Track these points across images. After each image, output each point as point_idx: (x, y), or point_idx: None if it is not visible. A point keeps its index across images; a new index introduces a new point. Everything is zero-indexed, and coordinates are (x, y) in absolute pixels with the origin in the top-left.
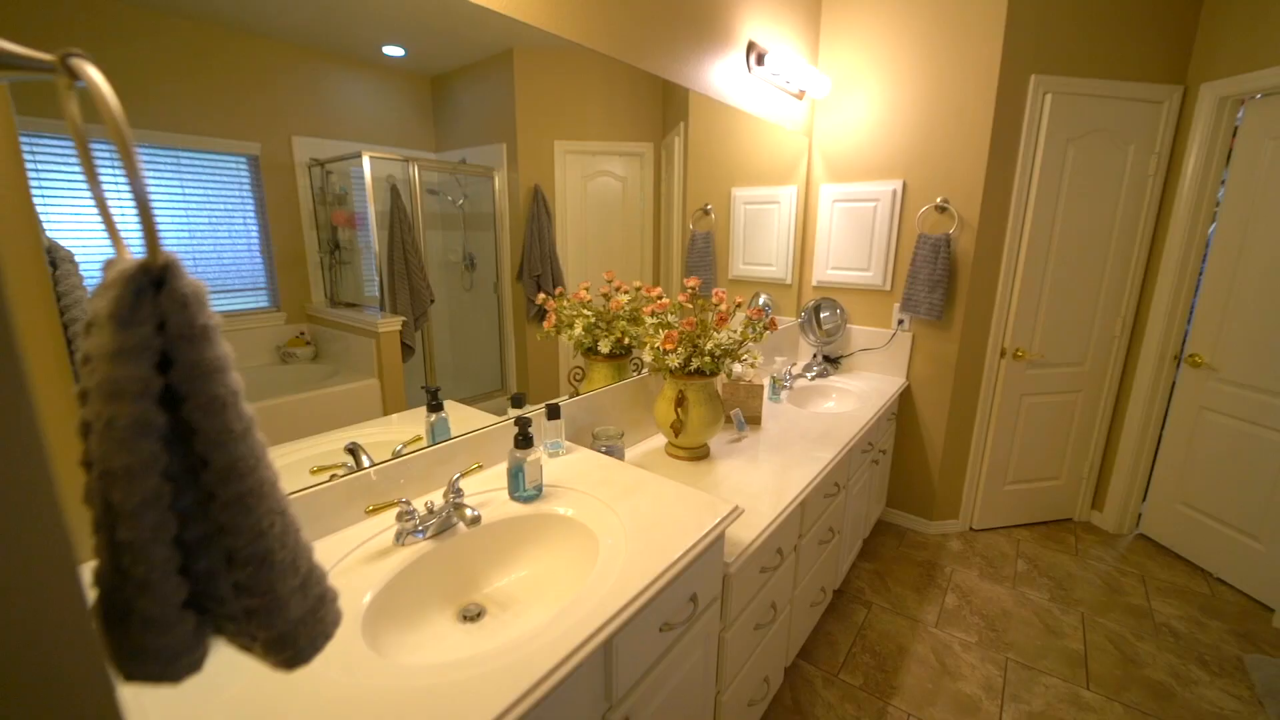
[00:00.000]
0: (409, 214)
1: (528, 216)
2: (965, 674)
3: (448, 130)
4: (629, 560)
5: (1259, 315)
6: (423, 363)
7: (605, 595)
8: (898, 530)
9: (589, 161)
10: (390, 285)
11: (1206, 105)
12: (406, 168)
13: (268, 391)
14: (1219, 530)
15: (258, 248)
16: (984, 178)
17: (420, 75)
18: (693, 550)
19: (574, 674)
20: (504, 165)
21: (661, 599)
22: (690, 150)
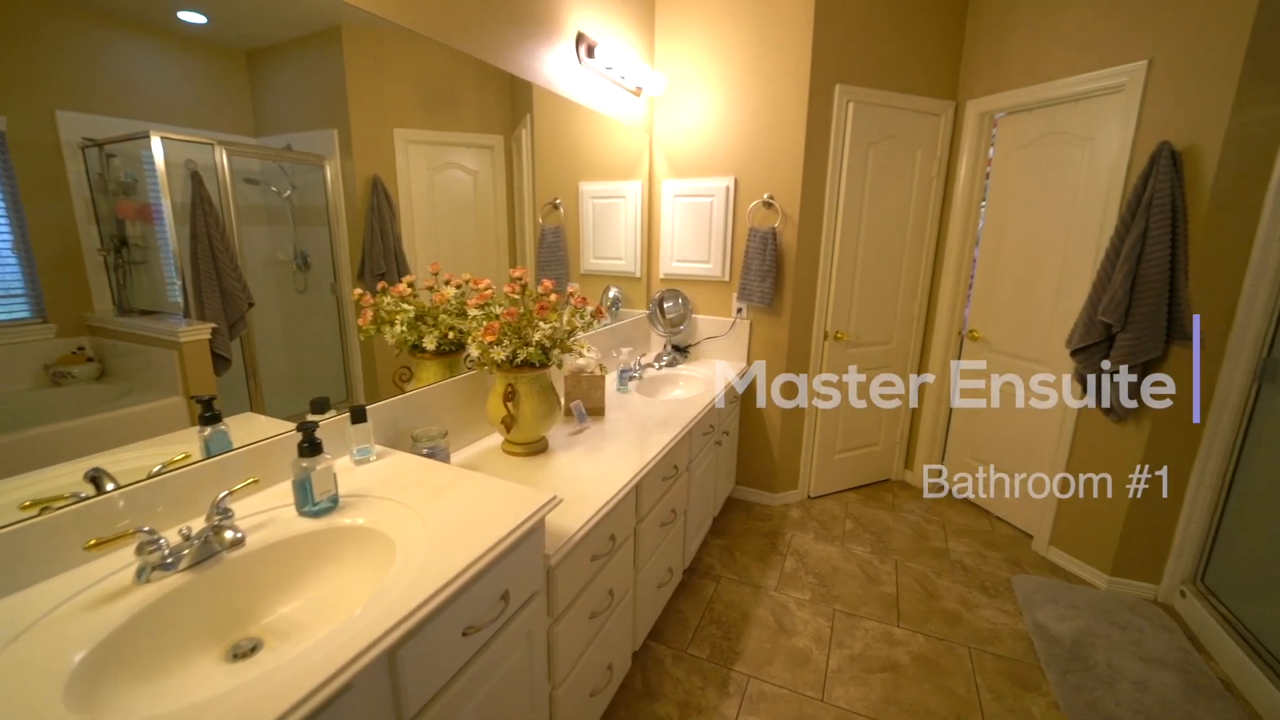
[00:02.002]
0: (217, 205)
1: (367, 210)
2: (799, 629)
3: (269, 113)
4: (425, 565)
5: (1013, 295)
6: (244, 375)
7: (390, 605)
8: (746, 505)
9: (436, 152)
10: (196, 288)
11: (971, 119)
12: (212, 152)
13: (26, 420)
14: (996, 475)
15: (7, 245)
16: (802, 176)
17: (230, 48)
18: (498, 547)
19: (345, 694)
20: (336, 153)
21: (461, 602)
22: (537, 144)
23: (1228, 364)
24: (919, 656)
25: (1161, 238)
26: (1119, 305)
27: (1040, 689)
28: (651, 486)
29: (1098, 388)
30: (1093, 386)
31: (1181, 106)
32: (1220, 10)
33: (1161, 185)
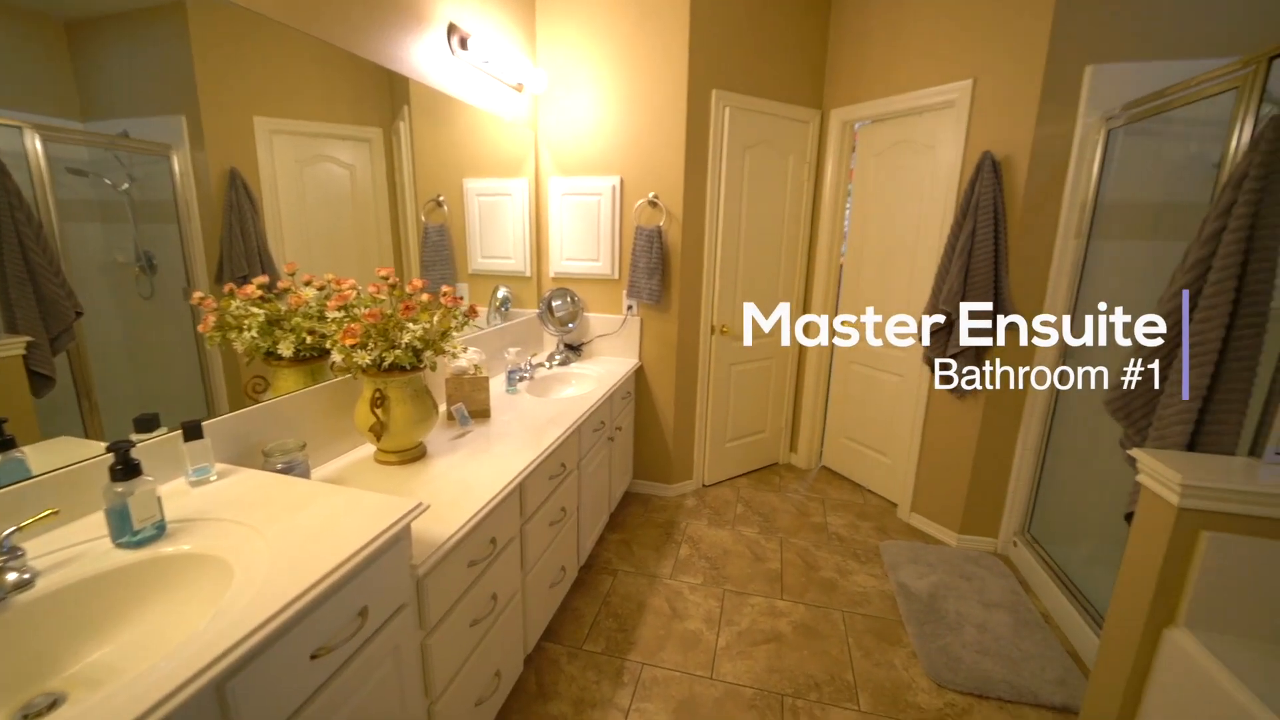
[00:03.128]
0: (30, 199)
1: (224, 206)
2: (691, 613)
3: (100, 95)
4: (265, 587)
5: (875, 287)
6: (75, 395)
7: (218, 634)
8: (644, 498)
9: (305, 144)
10: (3, 295)
11: (835, 127)
12: (20, 137)
13: None
14: (865, 453)
15: None
16: (684, 176)
17: (43, 15)
18: (351, 561)
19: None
20: (185, 142)
21: (308, 623)
22: (416, 138)
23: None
24: (799, 625)
25: (987, 236)
26: (954, 295)
27: (902, 641)
28: (537, 486)
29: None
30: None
31: (999, 121)
32: (1023, 42)
33: (985, 190)
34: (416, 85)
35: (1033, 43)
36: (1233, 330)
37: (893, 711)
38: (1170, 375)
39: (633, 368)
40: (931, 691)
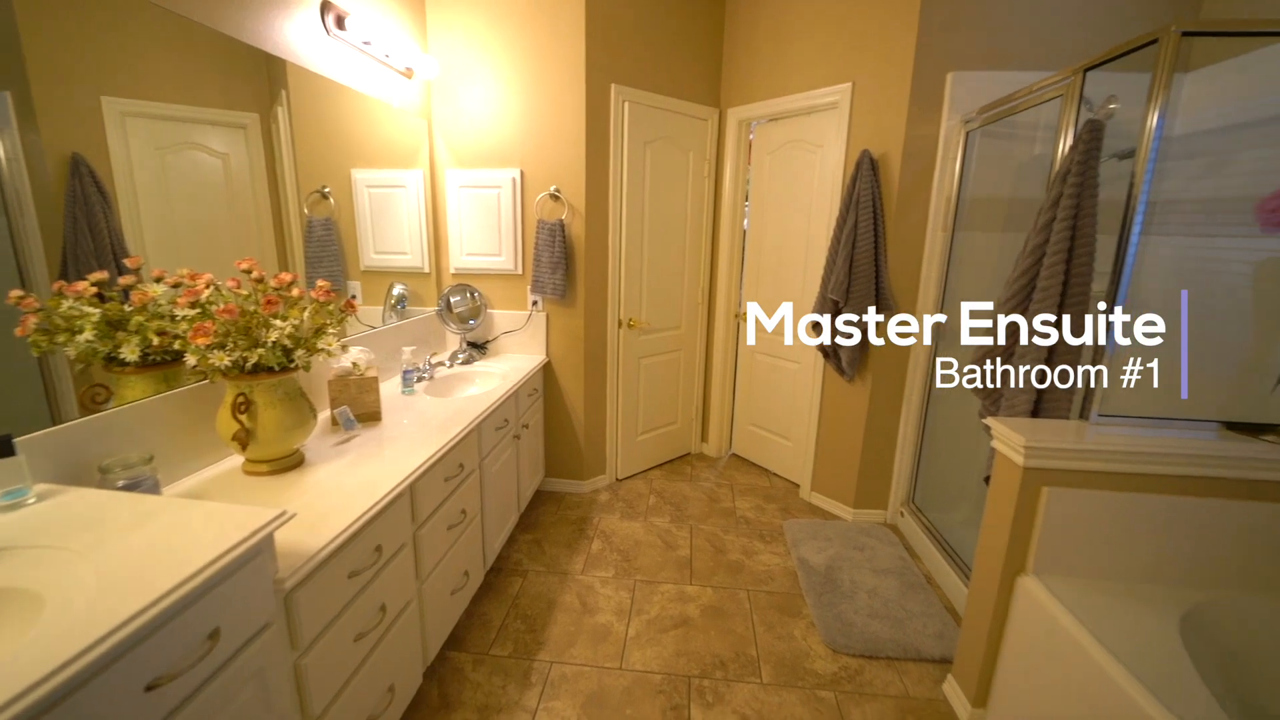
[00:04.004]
0: None
1: (66, 199)
2: (602, 606)
3: None
4: (82, 618)
5: (774, 280)
6: None
7: (16, 674)
8: (557, 496)
9: (167, 129)
10: None
11: (732, 125)
12: None
13: None
14: (770, 438)
15: None
16: (585, 170)
17: None
18: (194, 580)
19: None
20: (12, 123)
21: (140, 652)
22: (297, 125)
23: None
24: (707, 607)
25: (867, 229)
26: (841, 284)
27: (802, 613)
28: (431, 489)
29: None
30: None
31: (876, 122)
32: (893, 50)
33: (865, 186)
34: (295, 68)
35: (901, 51)
36: (1063, 309)
37: (792, 680)
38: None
39: (539, 364)
40: (827, 657)
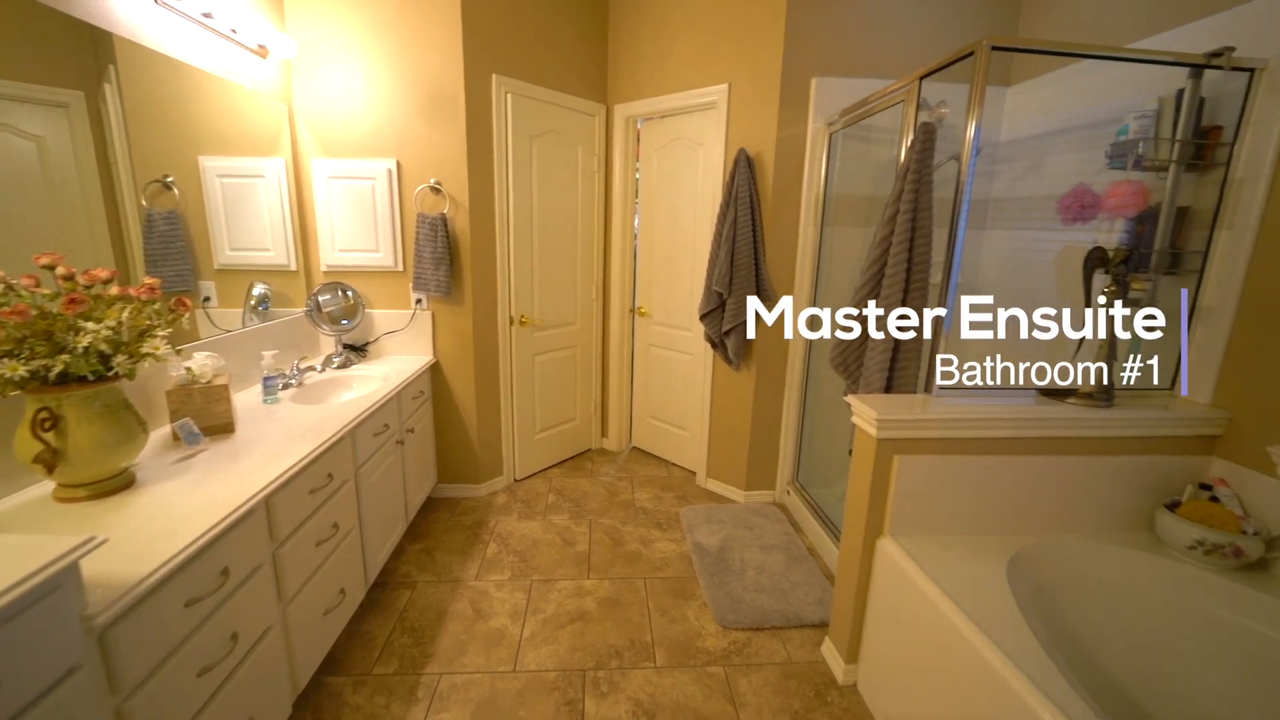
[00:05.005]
0: None
1: None
2: (496, 610)
3: None
4: None
5: (664, 275)
6: None
7: None
8: (451, 502)
9: None
10: None
11: (620, 122)
12: None
13: None
14: (668, 429)
15: None
16: (467, 162)
17: None
18: None
19: None
20: None
21: None
22: (130, 104)
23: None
24: (604, 599)
25: (746, 224)
26: (724, 276)
27: (695, 595)
28: (293, 503)
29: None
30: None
31: (751, 122)
32: (763, 53)
33: (742, 183)
34: (124, 40)
35: (771, 56)
36: (908, 294)
37: (685, 660)
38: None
39: (425, 365)
40: (718, 634)
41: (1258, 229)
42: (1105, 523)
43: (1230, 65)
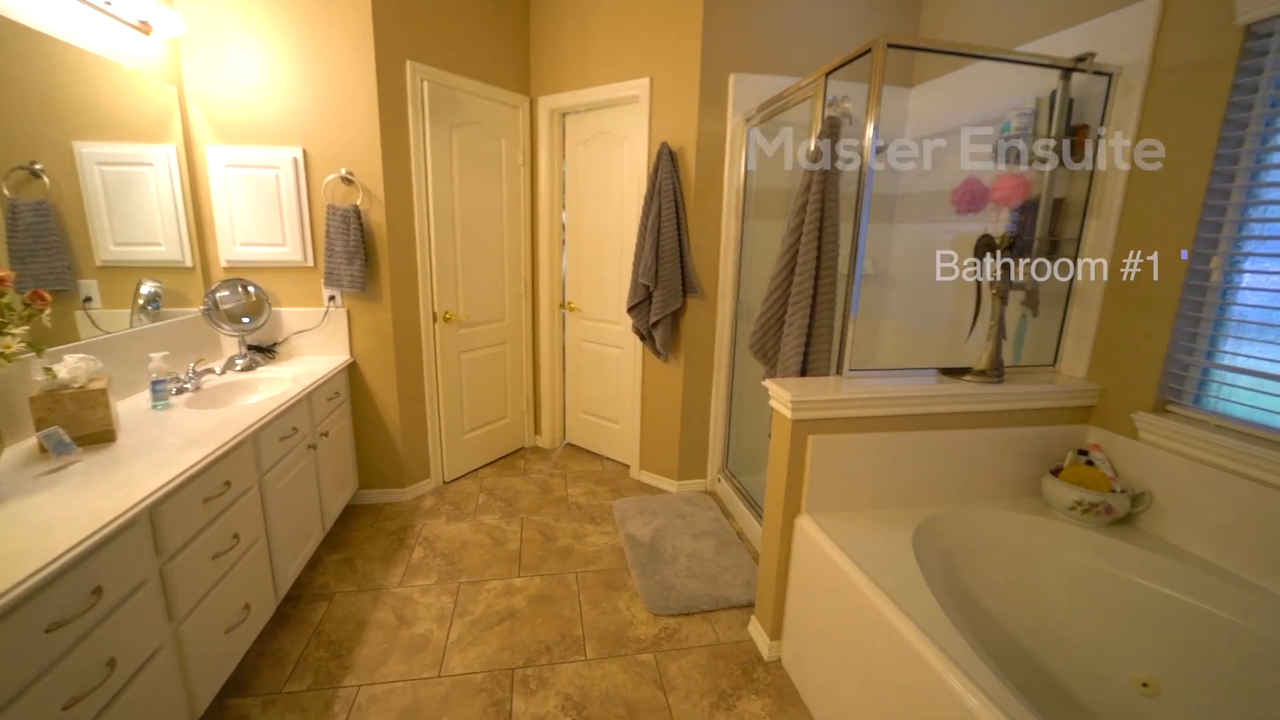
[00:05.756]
0: None
1: None
2: (421, 616)
3: None
4: None
5: (593, 270)
6: None
7: None
8: (374, 508)
9: None
10: None
11: (544, 114)
12: None
13: None
14: (602, 424)
15: None
16: (381, 152)
17: None
18: None
19: None
20: None
21: None
22: None
23: (720, 307)
24: (535, 597)
25: (670, 216)
26: (650, 269)
27: (627, 586)
28: (183, 514)
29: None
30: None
31: (673, 116)
32: (683, 48)
33: (665, 176)
34: None
35: (690, 51)
36: (819, 281)
37: (615, 650)
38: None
39: (341, 365)
40: (649, 623)
41: (1119, 217)
42: (1000, 490)
43: (1093, 69)
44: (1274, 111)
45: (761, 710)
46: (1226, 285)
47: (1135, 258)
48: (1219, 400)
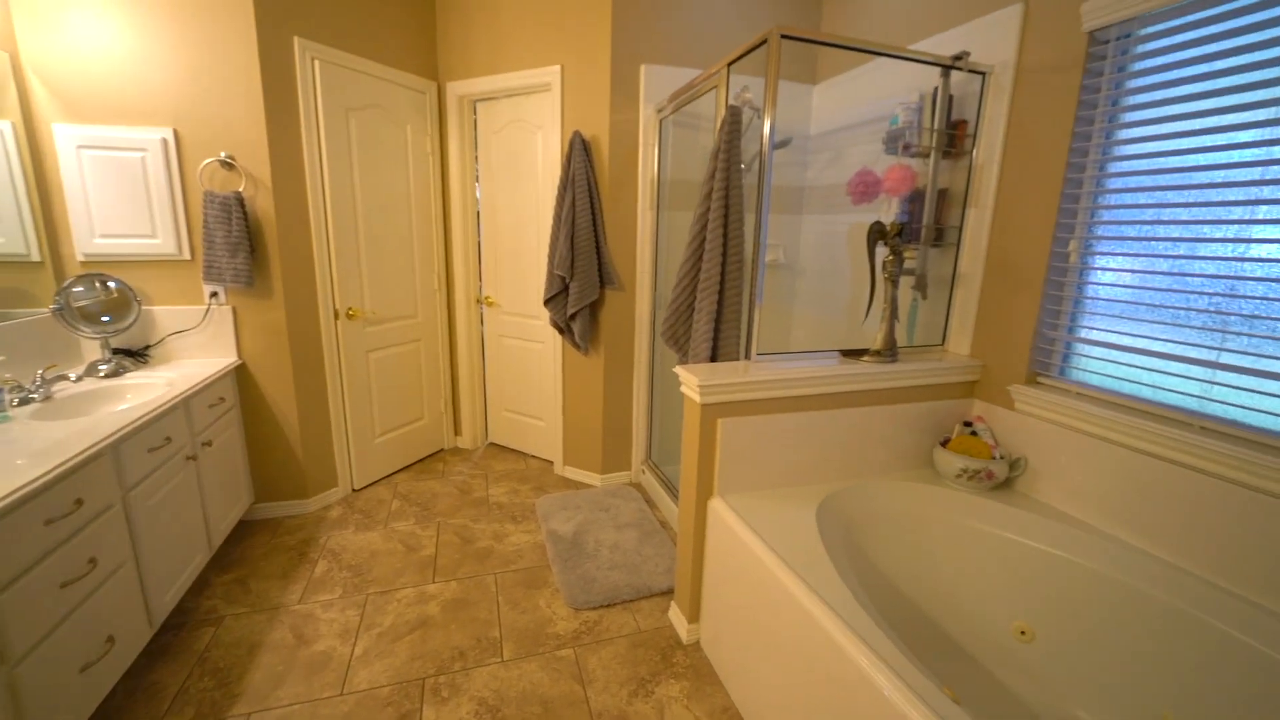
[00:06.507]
0: None
1: None
2: (323, 633)
3: None
4: None
5: (511, 263)
6: None
7: None
8: (272, 523)
9: None
10: None
11: (453, 101)
12: None
13: None
14: (525, 420)
15: None
16: (267, 136)
17: None
18: None
19: None
20: None
21: None
22: None
23: (639, 299)
24: (450, 602)
25: (585, 207)
26: (565, 260)
27: (548, 583)
28: (17, 540)
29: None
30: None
31: (585, 105)
32: (593, 37)
33: (579, 166)
34: None
35: (600, 39)
36: (726, 268)
37: (534, 649)
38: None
39: (225, 368)
40: (570, 618)
41: (994, 206)
42: (897, 462)
43: (968, 68)
44: (1115, 110)
45: (679, 693)
46: (1083, 266)
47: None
48: (1080, 371)
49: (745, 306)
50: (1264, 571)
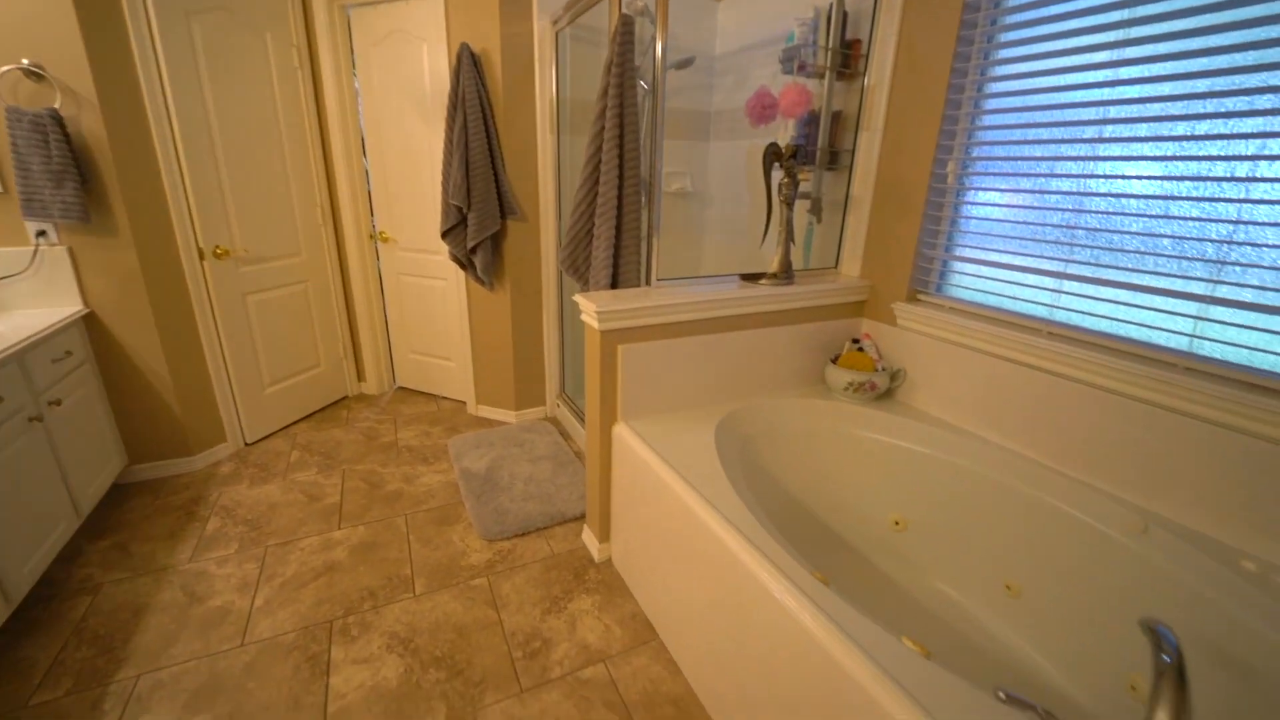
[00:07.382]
0: None
1: None
2: (219, 589)
3: None
4: None
5: (405, 193)
6: None
7: None
8: (154, 484)
9: None
10: None
11: (321, 6)
12: None
13: None
14: (433, 362)
15: None
16: (83, 39)
17: None
18: None
19: None
20: None
21: None
22: None
23: (544, 228)
24: (358, 546)
25: (478, 129)
26: (460, 189)
27: (461, 519)
28: None
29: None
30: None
31: (471, 14)
32: None
33: (469, 82)
34: None
35: None
36: (623, 192)
37: (447, 581)
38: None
39: (68, 317)
40: (483, 549)
41: (884, 129)
42: (792, 380)
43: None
44: (992, 29)
45: (591, 606)
46: (960, 188)
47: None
48: (954, 288)
49: (645, 232)
50: (1092, 456)
